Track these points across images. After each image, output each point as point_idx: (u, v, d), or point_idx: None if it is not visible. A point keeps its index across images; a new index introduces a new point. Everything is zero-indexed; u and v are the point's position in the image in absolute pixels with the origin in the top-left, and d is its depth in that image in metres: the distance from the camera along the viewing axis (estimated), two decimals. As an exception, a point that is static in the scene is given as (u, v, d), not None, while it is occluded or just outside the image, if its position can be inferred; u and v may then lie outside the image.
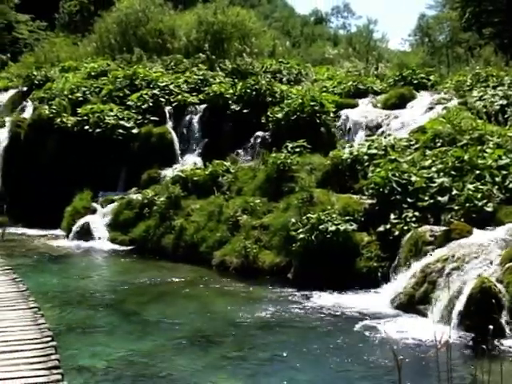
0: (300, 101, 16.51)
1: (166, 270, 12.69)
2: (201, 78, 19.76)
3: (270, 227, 12.62)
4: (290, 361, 7.58)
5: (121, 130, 17.76)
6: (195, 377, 7.06)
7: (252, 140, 16.87)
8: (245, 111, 17.56)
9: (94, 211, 16.11)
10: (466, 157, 11.55)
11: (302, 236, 11.44)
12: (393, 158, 12.44)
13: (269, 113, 16.89)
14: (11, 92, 22.96)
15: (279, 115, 16.52)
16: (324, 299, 10.18)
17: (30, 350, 5.50)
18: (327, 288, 10.56)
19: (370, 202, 11.97)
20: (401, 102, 16.86)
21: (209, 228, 13.56)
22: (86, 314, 9.74)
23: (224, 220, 13.38)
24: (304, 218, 11.73)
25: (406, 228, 10.71)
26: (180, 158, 17.56)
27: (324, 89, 18.43)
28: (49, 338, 5.73)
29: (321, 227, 11.28)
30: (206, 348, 8.16)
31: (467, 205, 10.56)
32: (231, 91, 18.25)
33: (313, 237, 11.29)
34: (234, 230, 13.00)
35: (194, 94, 19.02)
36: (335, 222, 11.31)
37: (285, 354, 7.75)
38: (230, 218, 13.21)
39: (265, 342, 8.36)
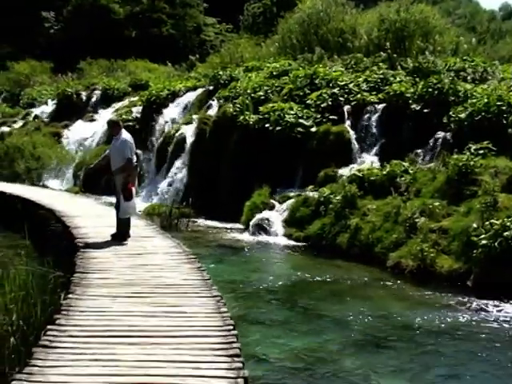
0: (485, 100, 15.68)
1: (340, 269, 12.70)
2: (381, 76, 19.50)
3: (449, 231, 12.15)
4: (468, 372, 7.27)
5: (300, 129, 18.04)
6: (369, 380, 7.00)
7: (432, 141, 16.30)
8: (425, 111, 17.04)
9: (271, 207, 16.53)
10: None
11: (483, 242, 10.87)
12: None
13: (451, 113, 16.24)
14: (199, 91, 24.25)
15: (462, 115, 15.83)
16: (506, 311, 9.62)
17: (213, 336, 5.76)
18: (510, 299, 9.97)
19: (562, 209, 11.10)
20: None
21: (385, 229, 13.36)
22: (262, 306, 10.06)
23: (401, 221, 13.10)
24: (487, 223, 11.15)
25: None
26: (357, 157, 17.46)
27: (513, 88, 17.34)
28: (231, 327, 5.96)
29: (505, 234, 10.64)
30: (379, 351, 8.07)
31: None
32: (412, 90, 17.80)
33: (496, 244, 10.68)
34: (411, 232, 12.67)
35: (374, 93, 18.81)
36: (522, 230, 10.62)
37: (462, 365, 7.44)
38: (407, 219, 12.90)
39: (440, 349, 8.08)
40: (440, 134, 16.22)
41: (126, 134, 10.35)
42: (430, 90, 17.26)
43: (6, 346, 5.74)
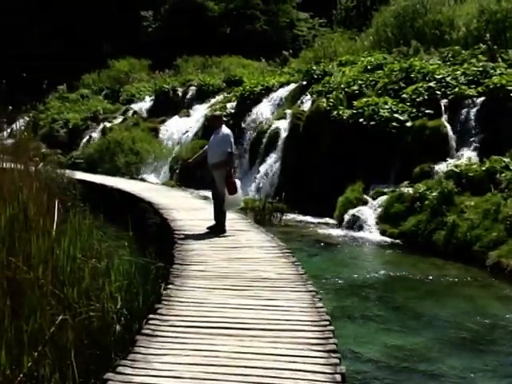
0: None
1: (436, 267, 12.41)
2: (480, 69, 18.80)
3: (553, 230, 11.64)
4: None
5: (394, 123, 17.71)
6: (468, 382, 6.83)
7: (535, 136, 15.62)
8: (528, 104, 16.34)
9: (365, 203, 16.35)
10: None
11: None
12: None
13: (557, 106, 15.51)
14: (292, 86, 24.27)
15: None
16: None
17: (309, 331, 5.80)
18: None
19: None
20: None
21: (483, 227, 12.92)
22: (355, 302, 9.99)
23: (501, 219, 12.62)
24: None
25: None
26: (454, 153, 16.96)
27: None
28: (327, 322, 5.98)
29: None
30: (479, 352, 7.83)
31: None
32: (514, 83, 17.09)
33: None
34: (512, 230, 12.23)
35: (472, 86, 18.16)
36: None
37: None
38: (508, 217, 12.42)
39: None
40: (544, 129, 15.52)
41: (226, 129, 10.64)
42: (534, 82, 16.53)
43: (111, 332, 6.00)
